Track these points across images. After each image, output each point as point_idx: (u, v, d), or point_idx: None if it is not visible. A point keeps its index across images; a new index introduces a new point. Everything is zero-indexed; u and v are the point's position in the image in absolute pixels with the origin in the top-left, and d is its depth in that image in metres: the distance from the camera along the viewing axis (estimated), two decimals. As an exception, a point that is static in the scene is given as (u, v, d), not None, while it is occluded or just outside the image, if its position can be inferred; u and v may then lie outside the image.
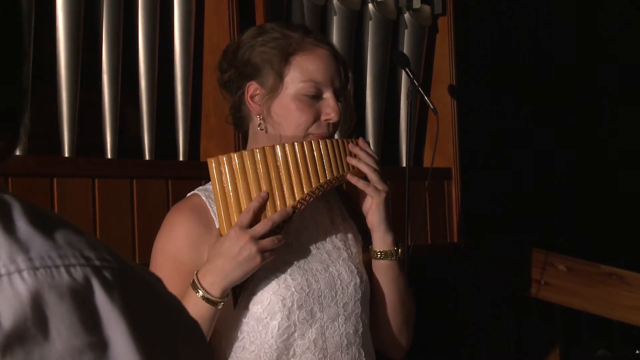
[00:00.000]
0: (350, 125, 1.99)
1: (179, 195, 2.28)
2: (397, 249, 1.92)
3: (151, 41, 2.34)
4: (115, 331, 0.66)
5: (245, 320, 1.82)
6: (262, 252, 1.74)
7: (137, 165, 2.27)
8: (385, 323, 1.96)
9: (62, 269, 0.66)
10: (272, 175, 1.80)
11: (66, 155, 2.13)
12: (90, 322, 0.65)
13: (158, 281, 0.75)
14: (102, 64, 2.24)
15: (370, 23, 2.99)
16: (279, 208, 1.79)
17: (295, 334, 1.81)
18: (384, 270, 1.92)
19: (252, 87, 1.87)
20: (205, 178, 2.36)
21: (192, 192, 1.91)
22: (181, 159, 2.40)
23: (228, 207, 1.78)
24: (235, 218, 1.78)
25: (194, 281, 1.76)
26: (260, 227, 1.76)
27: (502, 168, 4.41)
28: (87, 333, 0.65)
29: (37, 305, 0.63)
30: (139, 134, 2.32)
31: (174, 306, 0.74)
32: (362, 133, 2.93)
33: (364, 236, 1.96)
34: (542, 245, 3.55)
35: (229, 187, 1.78)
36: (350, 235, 1.97)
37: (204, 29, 2.50)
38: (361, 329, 1.88)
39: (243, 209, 1.78)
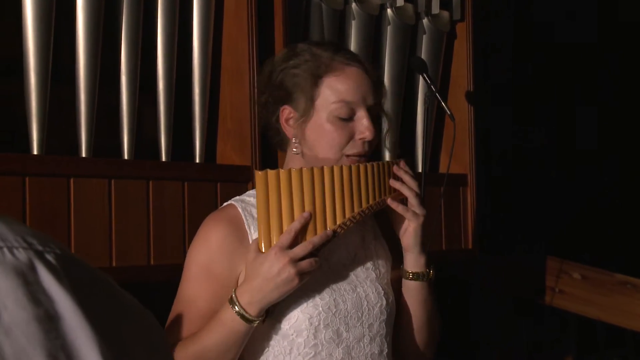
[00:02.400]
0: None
1: (195, 197, 2.29)
2: (430, 270, 1.91)
3: (170, 43, 2.35)
4: (64, 306, 0.69)
5: (271, 335, 1.82)
6: (300, 274, 1.74)
7: (153, 166, 2.28)
8: (410, 341, 1.96)
9: (5, 250, 0.69)
10: (317, 196, 1.78)
11: (83, 155, 2.14)
12: (36, 297, 0.68)
13: (105, 274, 0.77)
14: (120, 65, 2.25)
15: (389, 28, 2.99)
16: (318, 230, 1.78)
17: (323, 353, 1.81)
18: (414, 291, 1.92)
19: (286, 111, 1.88)
20: (220, 180, 2.38)
21: (228, 202, 1.90)
22: (197, 161, 2.41)
23: (269, 222, 1.76)
24: (275, 235, 1.76)
25: (231, 297, 1.76)
26: (301, 250, 1.75)
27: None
28: (33, 306, 0.68)
29: None
30: (156, 135, 2.33)
31: (121, 293, 0.76)
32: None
33: (395, 254, 1.96)
34: (556, 253, 3.54)
35: (274, 203, 1.76)
36: (380, 255, 1.95)
37: (222, 31, 2.50)
38: (386, 350, 1.88)
39: (284, 226, 1.76)
